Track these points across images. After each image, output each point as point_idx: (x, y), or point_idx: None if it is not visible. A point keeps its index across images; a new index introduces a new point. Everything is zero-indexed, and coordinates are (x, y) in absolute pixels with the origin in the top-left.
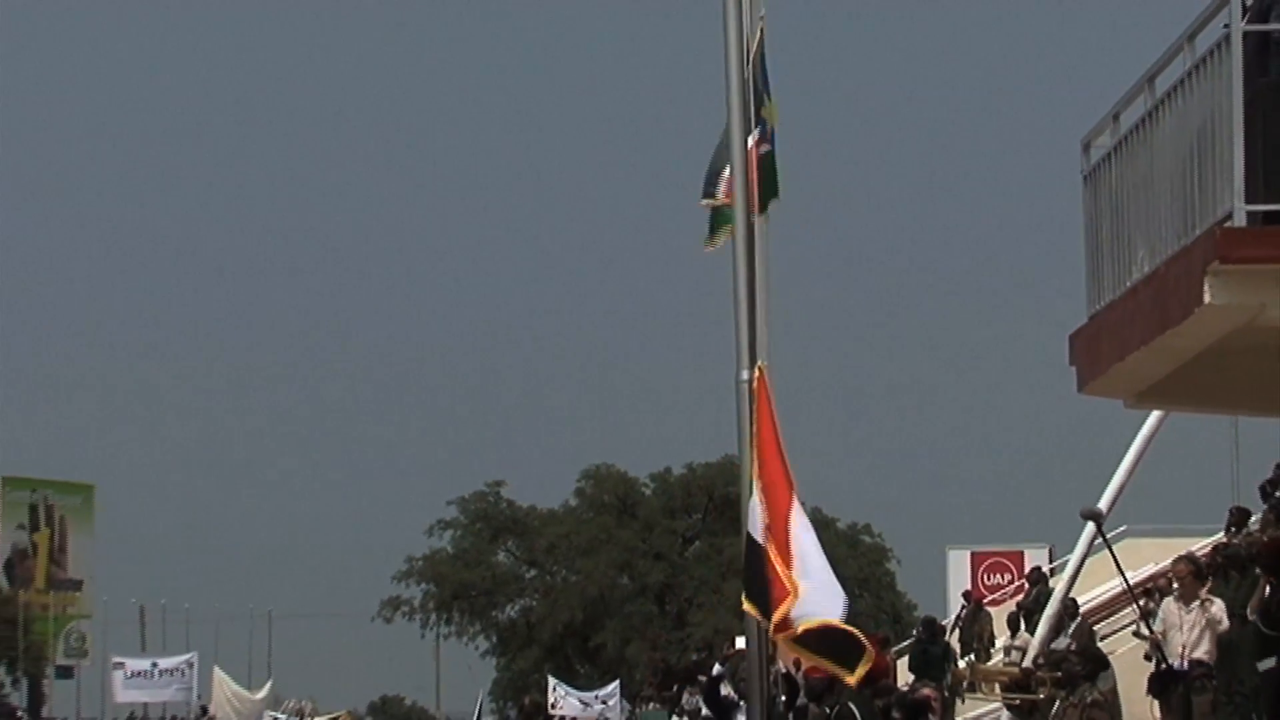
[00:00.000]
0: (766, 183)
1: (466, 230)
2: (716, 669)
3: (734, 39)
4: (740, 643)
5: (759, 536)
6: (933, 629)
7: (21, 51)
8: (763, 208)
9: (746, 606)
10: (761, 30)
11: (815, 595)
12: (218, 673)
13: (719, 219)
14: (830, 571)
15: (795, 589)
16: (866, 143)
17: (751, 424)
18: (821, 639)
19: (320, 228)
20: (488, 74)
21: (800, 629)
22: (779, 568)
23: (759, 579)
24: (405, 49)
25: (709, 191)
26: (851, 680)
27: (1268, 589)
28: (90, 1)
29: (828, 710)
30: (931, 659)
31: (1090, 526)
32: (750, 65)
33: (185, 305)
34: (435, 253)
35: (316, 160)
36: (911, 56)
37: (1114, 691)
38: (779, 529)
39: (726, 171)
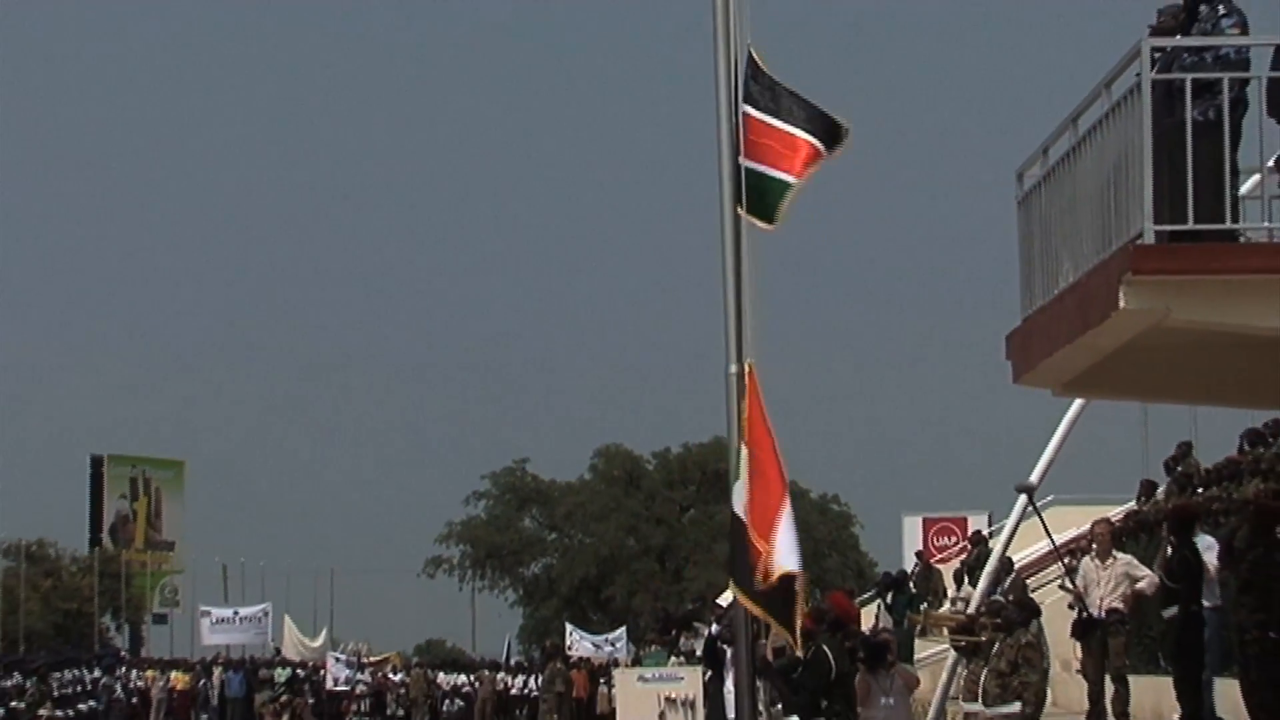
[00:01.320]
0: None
1: (496, 246)
2: (715, 629)
3: (722, 58)
4: (727, 596)
5: (742, 515)
6: (901, 581)
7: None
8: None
9: (732, 590)
10: (750, 50)
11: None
12: (288, 620)
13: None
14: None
15: (767, 551)
16: (843, 173)
17: (740, 413)
18: (771, 599)
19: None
20: (503, 81)
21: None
22: (756, 540)
23: (743, 558)
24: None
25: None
26: (795, 644)
27: (1170, 549)
28: None
29: (804, 653)
30: (899, 604)
31: (1023, 498)
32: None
33: (256, 310)
34: (472, 267)
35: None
36: (873, 98)
37: (1041, 634)
38: (765, 516)
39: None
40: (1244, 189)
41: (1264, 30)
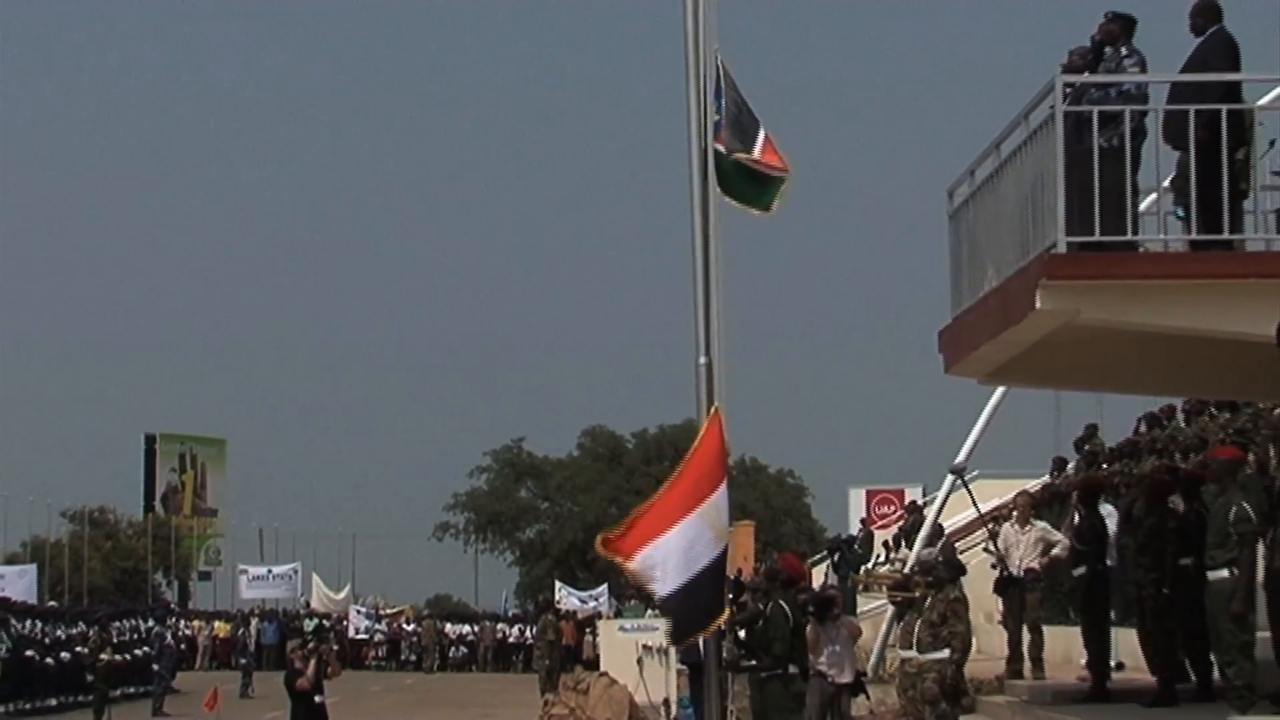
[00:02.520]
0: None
1: (498, 255)
2: None
3: (693, 64)
4: None
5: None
6: (847, 545)
7: None
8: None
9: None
10: (718, 56)
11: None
12: (315, 578)
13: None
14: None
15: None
16: (803, 189)
17: (710, 403)
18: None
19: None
20: (496, 81)
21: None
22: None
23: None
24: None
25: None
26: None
27: (1079, 517)
28: None
29: (762, 606)
30: (849, 562)
31: (953, 478)
32: (711, 87)
33: (287, 309)
34: (477, 271)
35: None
36: (822, 130)
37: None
38: (645, 532)
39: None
40: (1143, 206)
41: (1163, 68)
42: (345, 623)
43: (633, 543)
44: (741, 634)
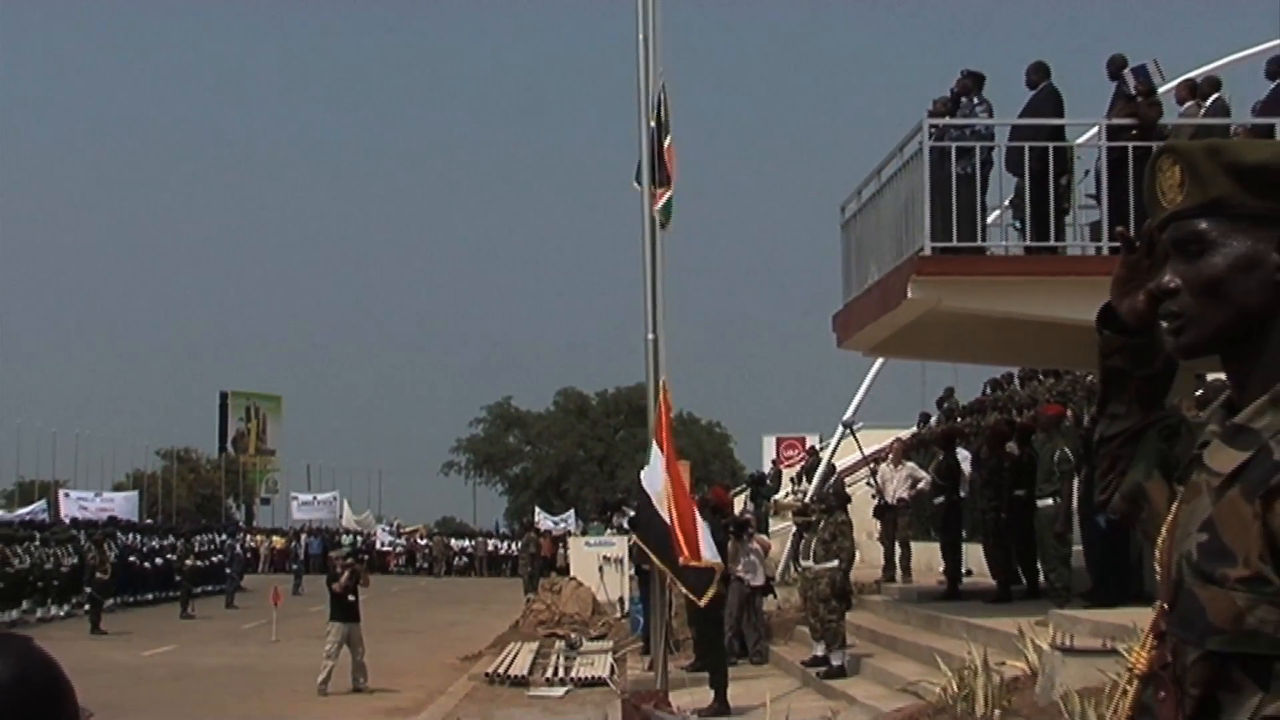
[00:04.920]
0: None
1: (494, 250)
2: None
3: (643, 88)
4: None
5: (654, 498)
6: (761, 480)
7: None
8: (665, 214)
9: (641, 542)
10: (662, 83)
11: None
12: (346, 504)
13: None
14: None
15: (691, 554)
16: (732, 202)
17: (657, 377)
18: (690, 572)
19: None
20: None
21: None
22: (681, 541)
23: (656, 532)
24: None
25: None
26: (701, 603)
27: (939, 458)
28: None
29: None
30: (763, 493)
31: (843, 429)
32: (655, 107)
33: (326, 290)
34: (475, 263)
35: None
36: (744, 164)
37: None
38: (690, 536)
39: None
40: (990, 219)
41: (1006, 113)
42: (373, 538)
43: (691, 548)
44: None
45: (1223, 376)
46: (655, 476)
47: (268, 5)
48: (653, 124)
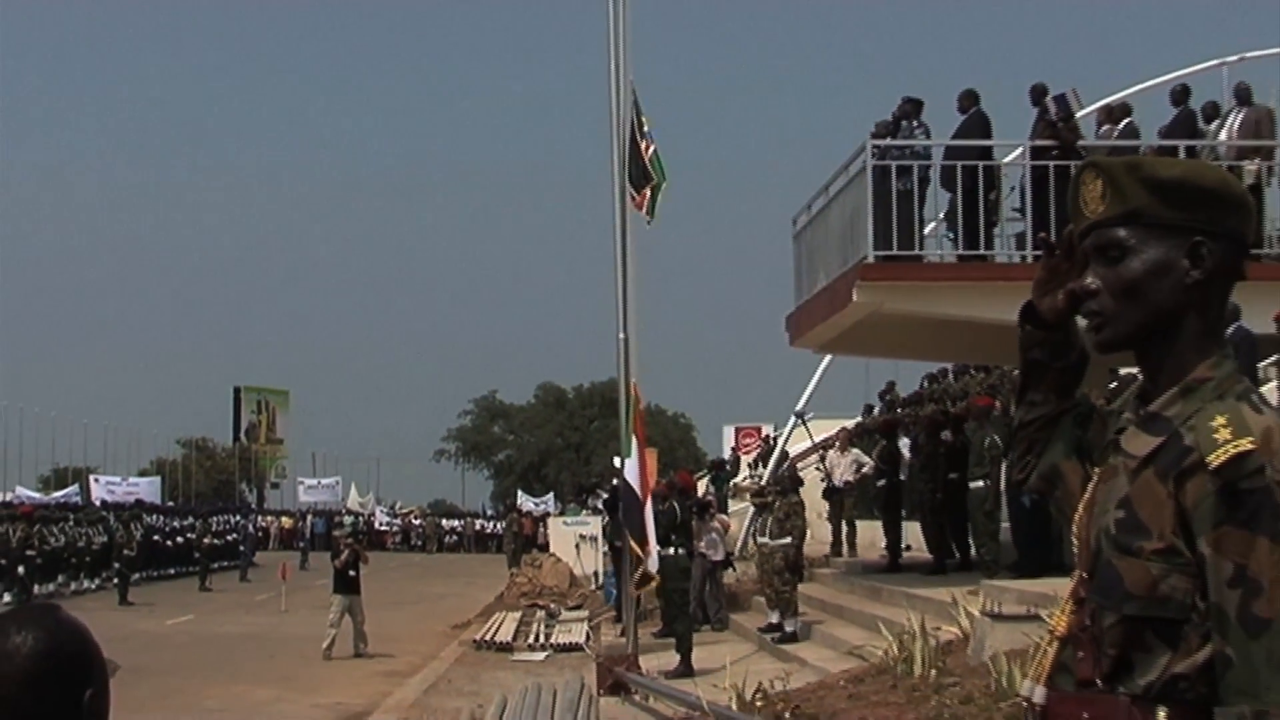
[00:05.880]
0: (656, 172)
1: (483, 253)
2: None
3: (614, 93)
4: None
5: (638, 489)
6: (721, 465)
7: None
8: (650, 209)
9: (629, 539)
10: (632, 87)
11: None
12: (351, 488)
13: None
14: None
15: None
16: (696, 211)
17: (628, 372)
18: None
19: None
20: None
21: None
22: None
23: (633, 519)
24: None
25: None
26: (636, 592)
27: (882, 445)
28: None
29: (662, 507)
30: (723, 477)
31: (795, 419)
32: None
33: (329, 296)
34: (462, 266)
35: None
36: (702, 180)
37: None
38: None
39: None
40: (926, 230)
41: (941, 135)
42: (373, 518)
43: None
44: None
45: (1135, 369)
46: (633, 471)
47: (272, 6)
48: (627, 129)
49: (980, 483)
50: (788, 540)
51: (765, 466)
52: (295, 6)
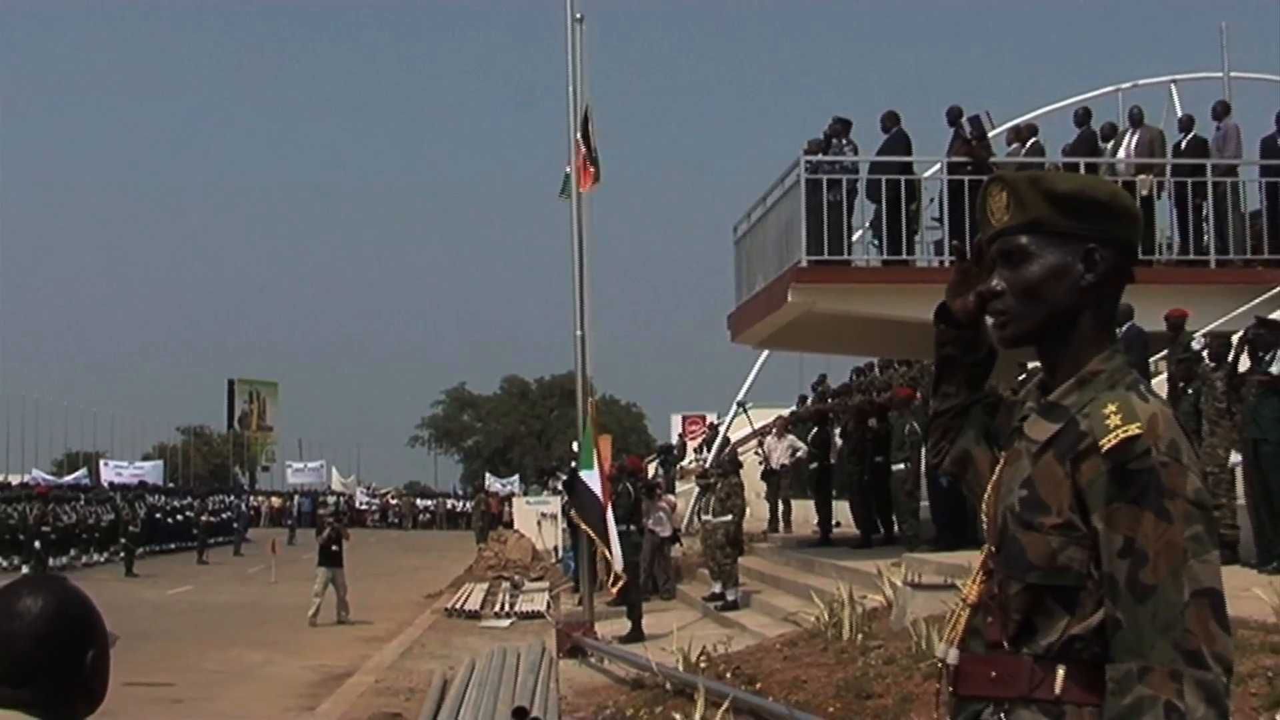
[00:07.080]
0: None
1: (477, 252)
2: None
3: (573, 108)
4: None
5: (599, 496)
6: (669, 450)
7: None
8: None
9: (576, 511)
10: (587, 105)
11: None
12: (334, 471)
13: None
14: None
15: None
16: (648, 217)
17: (584, 373)
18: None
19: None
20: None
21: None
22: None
23: (590, 509)
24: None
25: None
26: (614, 591)
27: (815, 431)
28: None
29: (618, 489)
30: (671, 460)
31: (737, 407)
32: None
33: (315, 295)
34: (443, 269)
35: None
36: (654, 183)
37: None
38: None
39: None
40: (854, 238)
41: (867, 152)
42: (354, 498)
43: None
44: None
45: (1039, 364)
46: (595, 481)
47: (276, 8)
48: (579, 136)
49: (902, 466)
50: (729, 518)
51: (709, 451)
52: (296, 8)
